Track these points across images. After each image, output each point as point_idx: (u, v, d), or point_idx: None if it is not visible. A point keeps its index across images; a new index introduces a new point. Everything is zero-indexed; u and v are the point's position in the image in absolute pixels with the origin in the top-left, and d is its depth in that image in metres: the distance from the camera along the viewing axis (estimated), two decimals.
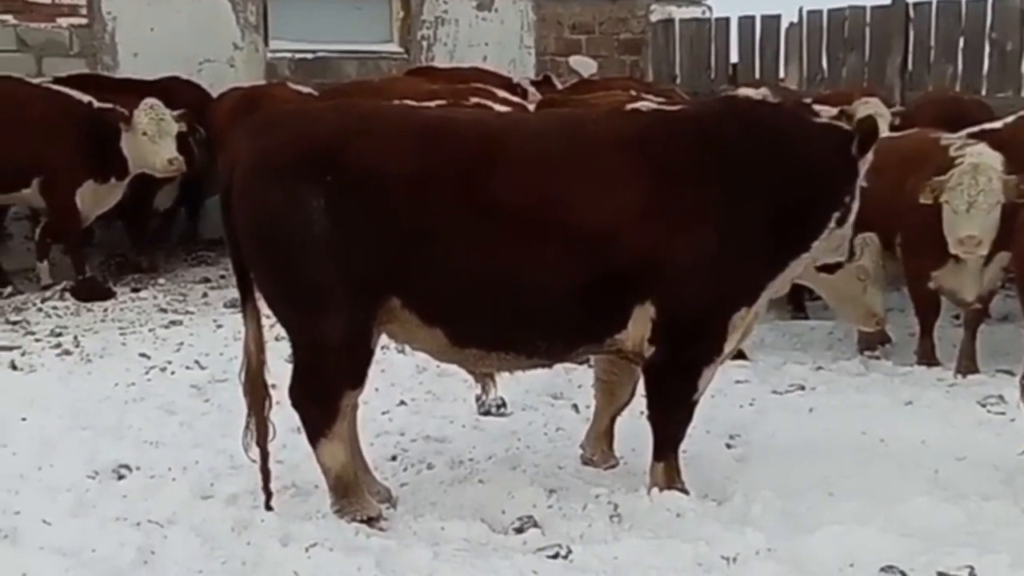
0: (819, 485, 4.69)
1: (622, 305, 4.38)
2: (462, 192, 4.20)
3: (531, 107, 8.92)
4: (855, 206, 4.58)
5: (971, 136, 6.67)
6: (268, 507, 4.43)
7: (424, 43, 12.01)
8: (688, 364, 4.50)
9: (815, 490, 4.64)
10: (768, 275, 4.52)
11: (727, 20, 12.60)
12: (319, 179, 4.11)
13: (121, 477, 4.84)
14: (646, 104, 5.13)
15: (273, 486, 4.62)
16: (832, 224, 4.54)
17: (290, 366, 4.49)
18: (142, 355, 6.87)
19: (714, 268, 4.33)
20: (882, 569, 3.91)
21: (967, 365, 6.61)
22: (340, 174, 4.12)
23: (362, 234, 4.13)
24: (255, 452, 4.43)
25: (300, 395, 4.34)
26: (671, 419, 4.61)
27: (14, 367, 6.63)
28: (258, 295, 4.48)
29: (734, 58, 12.54)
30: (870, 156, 4.50)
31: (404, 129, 4.31)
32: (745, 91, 4.75)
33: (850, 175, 4.52)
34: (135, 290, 8.82)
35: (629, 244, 4.27)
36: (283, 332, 4.53)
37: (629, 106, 5.09)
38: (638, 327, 4.41)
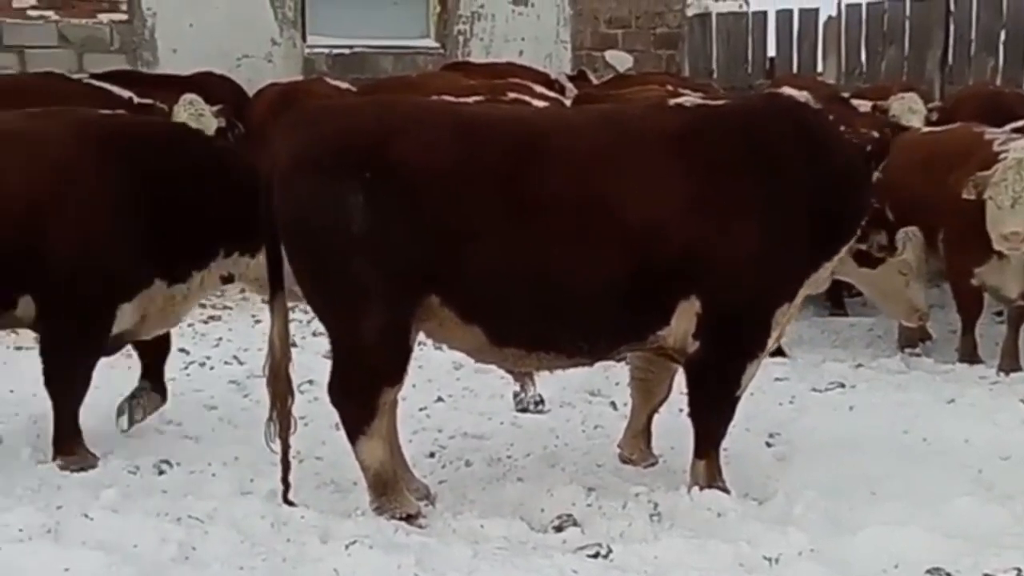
0: (862, 485, 4.64)
1: (666, 301, 4.36)
2: (503, 189, 4.19)
3: (567, 102, 8.89)
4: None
5: (1016, 131, 6.59)
6: (286, 500, 4.42)
7: (460, 38, 11.99)
8: (732, 360, 4.49)
9: (858, 490, 4.59)
10: (806, 272, 4.54)
11: (764, 14, 12.54)
12: (358, 175, 4.10)
13: (162, 472, 4.85)
14: (689, 99, 5.10)
15: (312, 482, 4.64)
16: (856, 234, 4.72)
17: (328, 362, 4.49)
18: (181, 350, 6.87)
19: (759, 263, 4.35)
20: (927, 571, 3.87)
21: (1010, 363, 6.53)
22: (379, 170, 4.11)
23: (401, 231, 4.12)
24: (277, 445, 4.43)
25: (339, 392, 4.33)
26: (713, 416, 4.58)
27: None
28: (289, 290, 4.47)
29: (771, 52, 12.47)
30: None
31: (444, 125, 4.30)
32: (788, 90, 4.75)
33: (869, 190, 4.74)
34: None
35: (675, 239, 4.27)
36: (322, 327, 4.53)
37: (672, 101, 5.08)
38: (682, 323, 4.40)
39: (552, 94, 8.94)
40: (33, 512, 4.27)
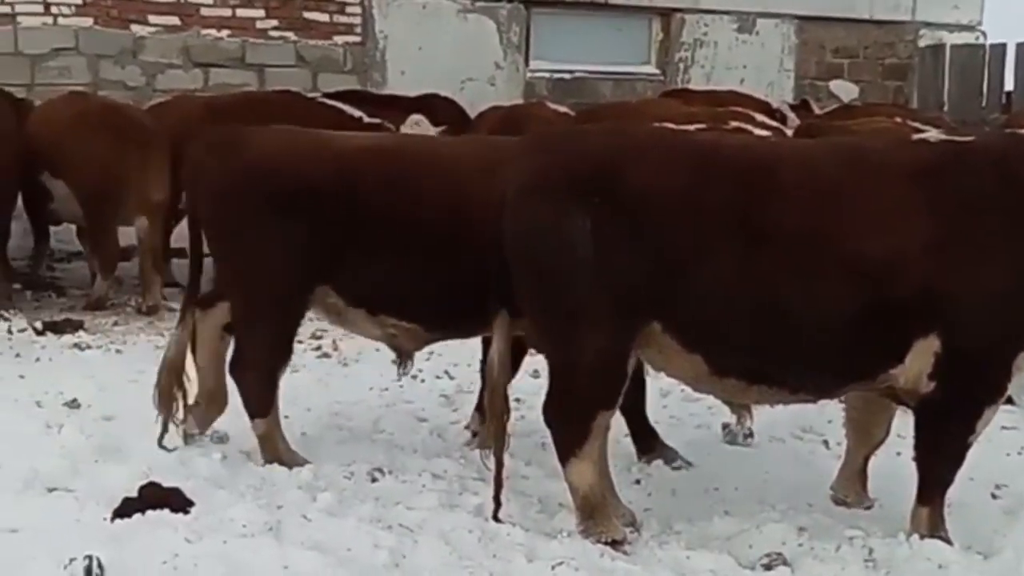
0: None
1: (902, 338, 4.22)
2: (733, 218, 4.14)
3: (789, 132, 8.71)
4: None
5: None
6: (496, 518, 4.45)
7: (681, 65, 11.97)
8: (969, 403, 4.30)
9: None
10: None
11: (1003, 46, 11.98)
12: (587, 200, 4.13)
13: (375, 480, 4.96)
14: (933, 135, 4.96)
15: (518, 501, 4.66)
16: None
17: (535, 381, 4.51)
18: (395, 362, 7.06)
19: (1006, 304, 4.18)
20: None
21: None
22: (608, 197, 4.13)
23: (627, 257, 4.13)
24: (492, 462, 4.47)
25: (554, 413, 4.35)
26: (942, 461, 4.39)
27: None
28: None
29: (1008, 86, 11.92)
30: None
31: (675, 154, 4.29)
32: None
33: None
34: None
35: (916, 276, 4.13)
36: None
37: (915, 136, 4.95)
38: (917, 362, 4.23)
39: (773, 123, 8.77)
40: (256, 509, 4.45)
